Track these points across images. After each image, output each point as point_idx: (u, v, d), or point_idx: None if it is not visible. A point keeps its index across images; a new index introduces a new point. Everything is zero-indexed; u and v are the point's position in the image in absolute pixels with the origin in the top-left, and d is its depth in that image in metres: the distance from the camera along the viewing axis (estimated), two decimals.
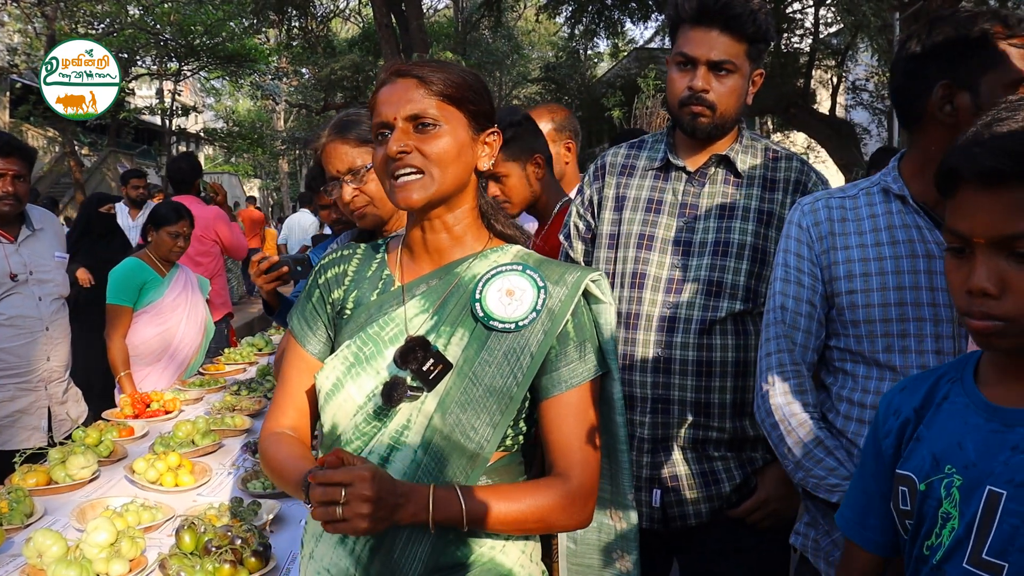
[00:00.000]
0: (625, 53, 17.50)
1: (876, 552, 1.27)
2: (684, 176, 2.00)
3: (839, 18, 11.62)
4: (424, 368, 1.33)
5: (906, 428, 1.19)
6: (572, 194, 2.54)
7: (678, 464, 1.94)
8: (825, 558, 1.71)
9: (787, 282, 1.73)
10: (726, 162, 1.98)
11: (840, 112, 15.10)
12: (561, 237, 2.19)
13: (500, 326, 1.35)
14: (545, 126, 2.95)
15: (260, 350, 4.76)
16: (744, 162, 1.98)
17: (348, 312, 1.46)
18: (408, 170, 1.33)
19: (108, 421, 3.15)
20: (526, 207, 2.53)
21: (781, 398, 1.71)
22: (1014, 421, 1.05)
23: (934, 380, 1.20)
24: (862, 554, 1.30)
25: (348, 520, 1.14)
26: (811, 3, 12.71)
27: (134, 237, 6.32)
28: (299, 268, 2.36)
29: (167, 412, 3.36)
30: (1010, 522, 1.00)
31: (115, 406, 3.61)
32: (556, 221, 2.49)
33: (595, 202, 2.12)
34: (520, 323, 1.35)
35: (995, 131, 0.99)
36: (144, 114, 19.96)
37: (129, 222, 7.00)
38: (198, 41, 18.10)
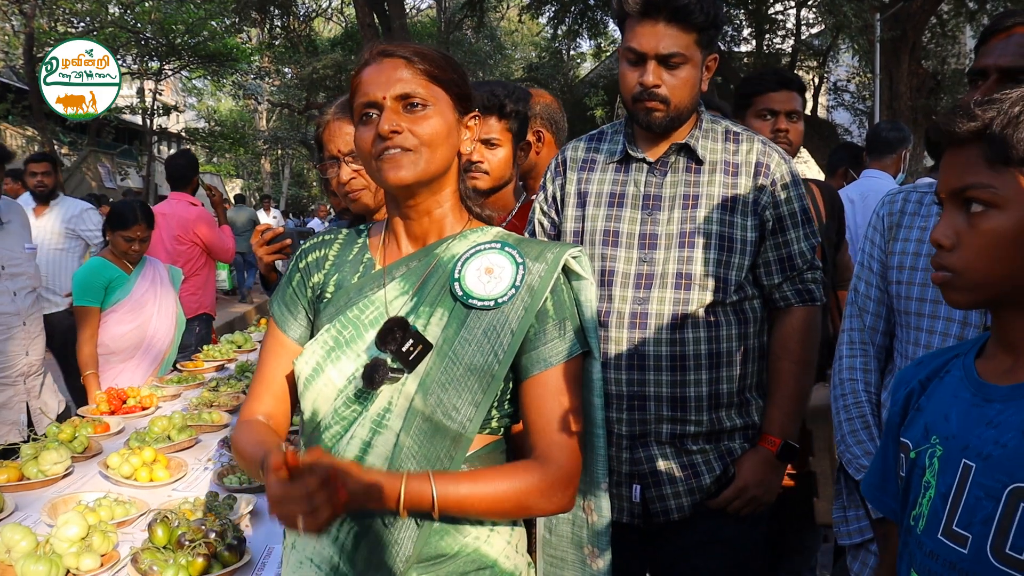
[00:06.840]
0: (608, 53, 17.52)
1: (896, 521, 1.27)
2: (645, 167, 1.98)
3: (821, 19, 11.71)
4: (404, 349, 1.31)
5: (911, 398, 1.22)
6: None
7: (657, 459, 1.92)
8: (848, 535, 1.84)
9: (862, 266, 1.91)
10: (686, 150, 1.96)
11: (822, 112, 15.22)
12: (525, 235, 2.16)
13: (479, 304, 1.34)
14: None
15: (240, 347, 4.72)
16: (705, 148, 1.96)
17: (329, 296, 1.44)
18: (398, 150, 1.32)
19: (83, 417, 3.11)
20: (494, 187, 2.40)
21: (846, 373, 1.89)
22: (993, 396, 1.07)
23: (946, 355, 1.24)
24: (889, 526, 1.31)
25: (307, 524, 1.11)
26: (793, 4, 12.80)
27: (42, 239, 5.10)
28: (302, 242, 2.33)
29: (144, 408, 3.32)
30: (975, 494, 1.02)
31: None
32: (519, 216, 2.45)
33: (558, 198, 2.09)
34: (499, 300, 1.34)
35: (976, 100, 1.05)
36: (125, 113, 19.77)
37: (33, 219, 4.90)
38: (179, 40, 17.96)
